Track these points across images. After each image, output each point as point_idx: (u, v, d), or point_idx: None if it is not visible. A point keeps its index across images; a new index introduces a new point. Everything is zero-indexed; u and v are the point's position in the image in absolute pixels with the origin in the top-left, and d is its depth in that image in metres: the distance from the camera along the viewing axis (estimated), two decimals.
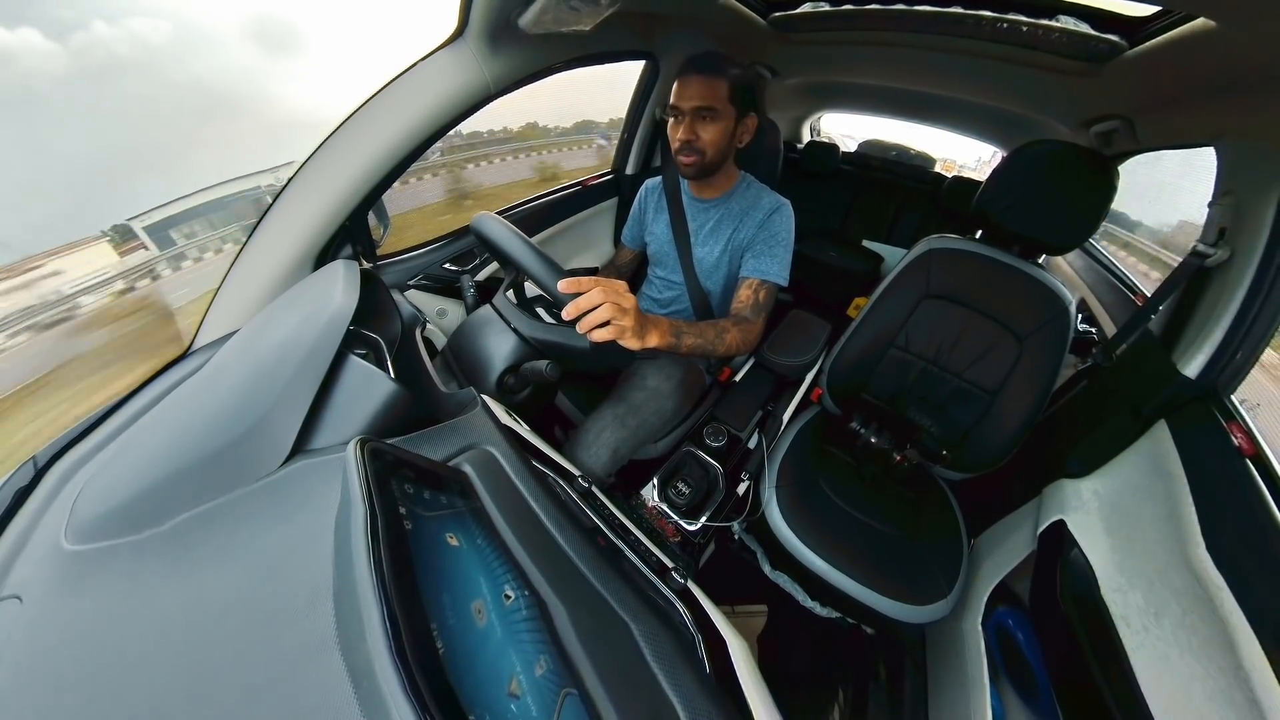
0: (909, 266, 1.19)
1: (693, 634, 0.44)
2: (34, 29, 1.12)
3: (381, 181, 0.87)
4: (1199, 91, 0.90)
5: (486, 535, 0.38)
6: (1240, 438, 0.72)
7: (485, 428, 0.53)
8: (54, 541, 0.45)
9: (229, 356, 0.63)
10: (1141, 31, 0.92)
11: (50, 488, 0.57)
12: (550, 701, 0.29)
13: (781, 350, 1.14)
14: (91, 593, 0.40)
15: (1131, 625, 0.68)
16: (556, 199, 1.55)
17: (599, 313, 0.63)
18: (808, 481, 1.09)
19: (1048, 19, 1.01)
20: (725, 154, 1.01)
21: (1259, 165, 0.81)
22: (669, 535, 0.89)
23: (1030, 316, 1.07)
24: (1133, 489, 0.82)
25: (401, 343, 0.72)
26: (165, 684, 0.31)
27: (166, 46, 2.27)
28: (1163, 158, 1.29)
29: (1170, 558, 0.68)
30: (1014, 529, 1.03)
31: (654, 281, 1.27)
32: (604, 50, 1.22)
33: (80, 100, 1.42)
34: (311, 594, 0.32)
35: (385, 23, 5.71)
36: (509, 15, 0.83)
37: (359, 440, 0.35)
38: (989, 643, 0.92)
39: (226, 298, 0.84)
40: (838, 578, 0.93)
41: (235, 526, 0.41)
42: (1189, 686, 0.59)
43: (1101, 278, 1.49)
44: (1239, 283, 0.80)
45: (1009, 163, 1.07)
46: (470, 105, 0.91)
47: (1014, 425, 1.07)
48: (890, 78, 1.67)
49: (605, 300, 0.63)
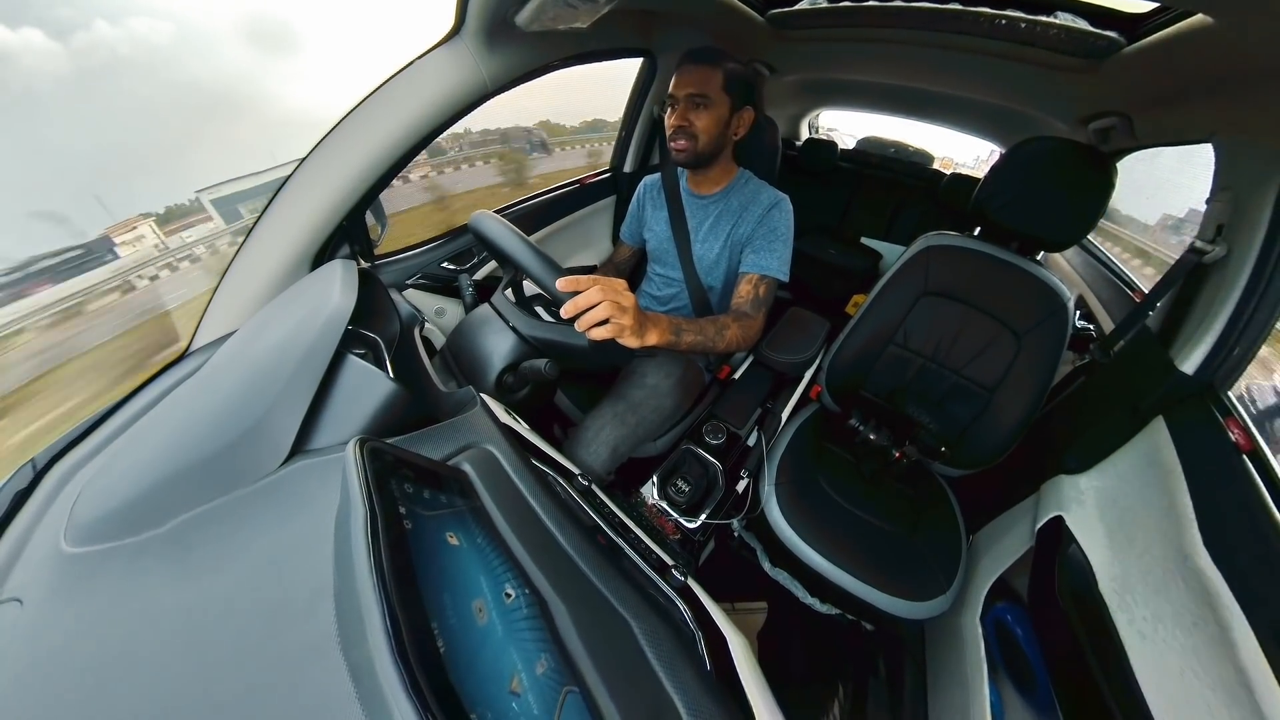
0: (907, 264, 1.19)
1: (693, 631, 0.44)
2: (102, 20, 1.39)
3: (379, 180, 0.87)
4: (1197, 88, 0.90)
5: (486, 534, 0.38)
6: (1237, 433, 0.73)
7: (484, 427, 0.53)
8: (53, 544, 0.45)
9: (227, 357, 0.62)
10: (1139, 28, 0.92)
11: (49, 490, 0.57)
12: (551, 699, 0.29)
13: (780, 348, 1.14)
14: (91, 595, 0.40)
15: (1129, 620, 0.68)
16: (554, 197, 1.54)
17: (597, 311, 0.63)
18: (807, 478, 1.09)
19: (1046, 15, 1.01)
20: (719, 144, 1.02)
21: (1256, 162, 0.81)
22: (669, 533, 0.90)
23: (1028, 313, 1.07)
24: (1130, 485, 0.82)
25: (400, 342, 0.72)
26: (166, 686, 0.31)
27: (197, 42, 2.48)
28: (1161, 154, 1.29)
29: (1167, 553, 0.68)
30: (1012, 525, 1.04)
31: (653, 278, 1.26)
32: (601, 48, 1.22)
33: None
34: (312, 594, 0.32)
35: (384, 21, 5.72)
36: (506, 13, 0.83)
37: (358, 440, 0.35)
38: (988, 638, 0.93)
39: (224, 298, 0.83)
40: (837, 574, 0.93)
41: (235, 527, 0.41)
42: (1186, 679, 0.59)
43: (1099, 274, 1.50)
44: (1236, 279, 0.80)
45: (1007, 159, 1.07)
46: (467, 103, 0.90)
47: (1012, 422, 1.07)
48: (888, 75, 1.66)
49: (603, 299, 0.63)
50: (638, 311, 0.68)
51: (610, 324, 0.64)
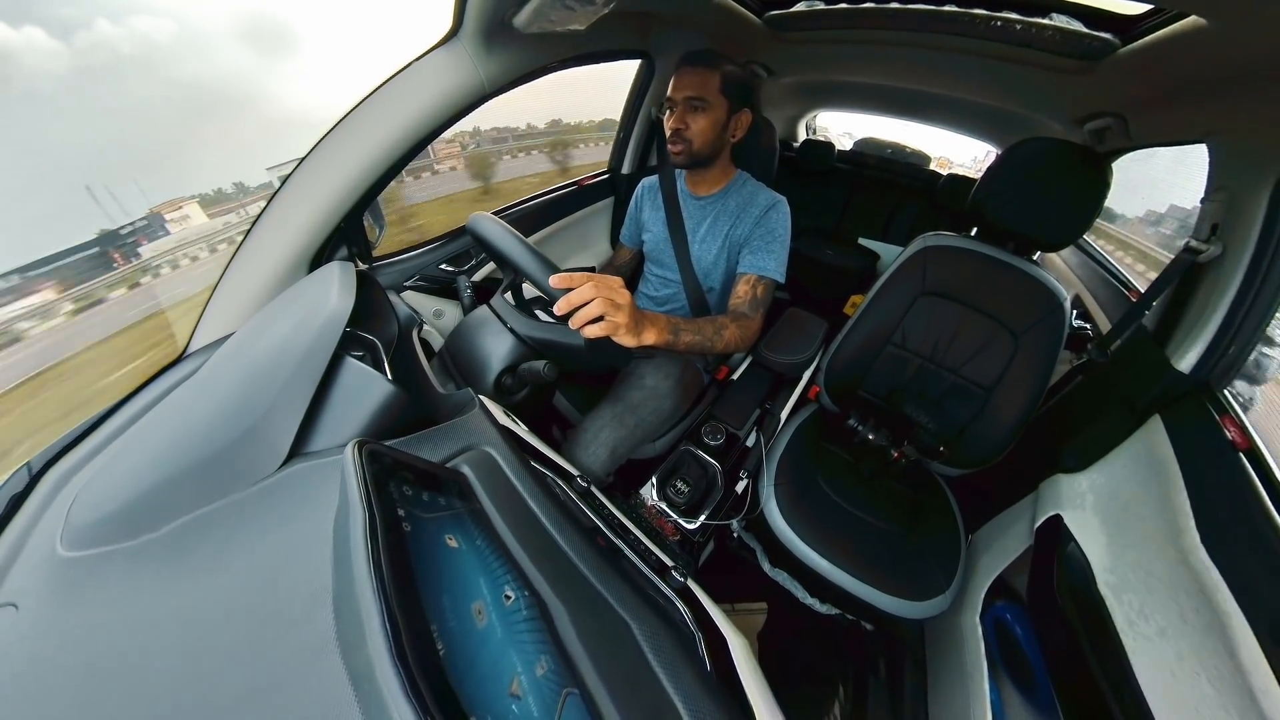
0: (905, 264, 1.19)
1: (693, 632, 0.44)
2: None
3: (377, 182, 0.87)
4: (1191, 89, 0.91)
5: (486, 536, 0.38)
6: (1233, 431, 0.73)
7: (483, 428, 0.53)
8: (49, 548, 0.45)
9: (224, 360, 0.62)
10: (1134, 30, 0.93)
11: (45, 493, 0.56)
12: (551, 701, 0.29)
13: (779, 348, 1.15)
14: (87, 600, 0.40)
15: (1128, 618, 0.68)
16: (552, 199, 1.54)
17: (591, 308, 0.62)
18: (806, 479, 1.09)
19: (1041, 17, 1.01)
20: (716, 146, 1.02)
21: (1250, 162, 0.81)
22: (668, 534, 0.89)
23: (1025, 313, 1.07)
24: (1128, 483, 0.82)
25: (398, 344, 0.72)
26: (163, 691, 0.31)
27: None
28: (1155, 154, 1.30)
29: (1165, 550, 0.68)
30: (1011, 524, 1.04)
31: (650, 279, 1.27)
32: (599, 49, 1.22)
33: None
34: (311, 598, 0.32)
35: (385, 23, 5.74)
36: (504, 14, 0.83)
37: (357, 442, 0.35)
38: (987, 637, 0.93)
39: (222, 301, 0.83)
40: (837, 574, 0.93)
41: (232, 531, 0.41)
42: (1184, 677, 0.59)
43: (1096, 274, 1.50)
44: (1231, 278, 0.81)
45: (1003, 160, 1.08)
46: (465, 105, 0.90)
47: (1010, 421, 1.07)
48: (885, 76, 1.67)
49: (597, 295, 0.62)
50: (633, 309, 0.67)
51: (605, 321, 0.63)
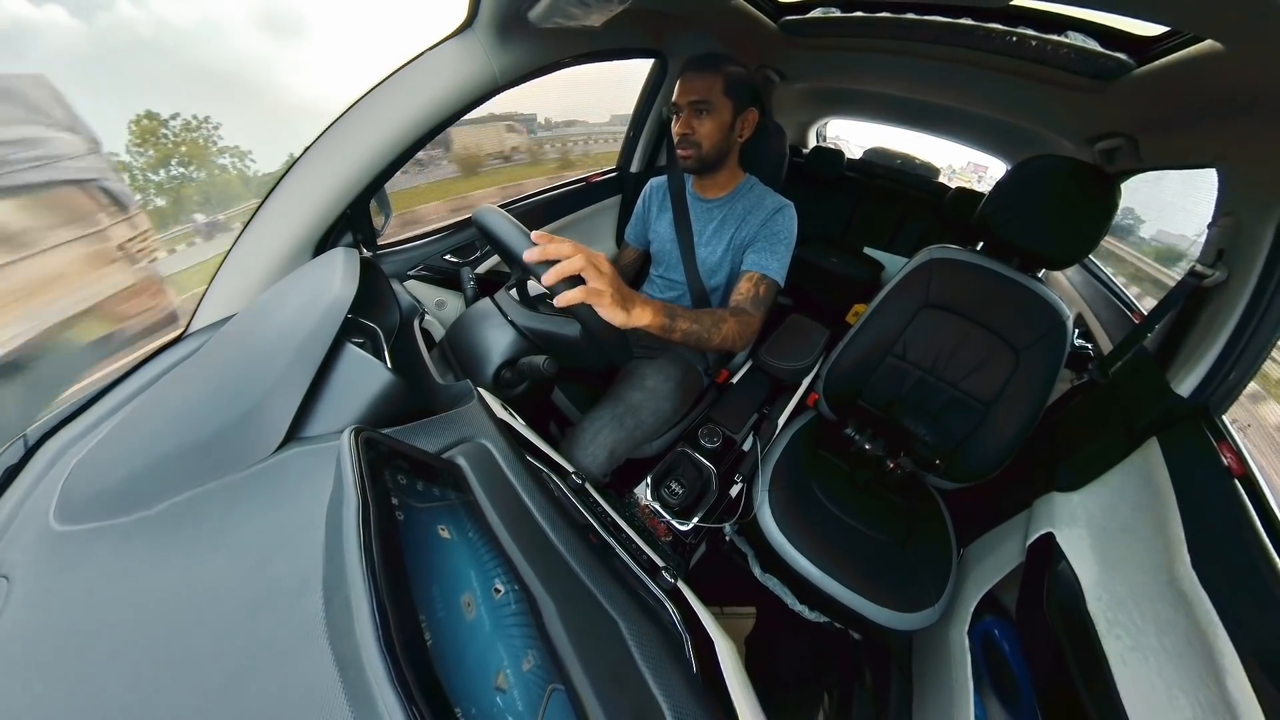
0: (909, 275, 1.19)
1: (681, 633, 0.44)
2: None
3: (385, 169, 0.87)
4: (1204, 113, 0.91)
5: (478, 528, 0.38)
6: (1230, 457, 0.73)
7: (480, 421, 0.53)
8: (42, 521, 0.45)
9: (225, 341, 0.62)
10: (1149, 51, 0.92)
11: (40, 466, 0.56)
12: (536, 696, 0.29)
13: (779, 354, 1.15)
14: (79, 574, 0.40)
15: (1116, 638, 0.68)
16: (559, 195, 1.54)
17: (571, 263, 0.59)
18: (801, 486, 1.09)
19: (1057, 34, 1.01)
20: (723, 148, 1.03)
21: (1260, 189, 0.81)
22: (661, 535, 0.90)
23: (1027, 329, 1.07)
24: (1122, 504, 0.82)
25: (399, 333, 0.72)
26: (151, 667, 0.31)
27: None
28: (1165, 176, 1.30)
29: (1156, 574, 0.68)
30: (1003, 540, 1.04)
31: (655, 280, 1.26)
32: (613, 47, 1.22)
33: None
34: (301, 582, 0.32)
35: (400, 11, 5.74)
36: (519, 8, 0.83)
37: (353, 429, 0.35)
38: (975, 652, 0.93)
39: (224, 281, 0.83)
40: (827, 582, 0.93)
41: (226, 512, 0.41)
42: (1170, 700, 0.59)
43: (1099, 294, 1.50)
44: (1235, 304, 0.81)
45: (1013, 175, 1.08)
46: (477, 96, 0.90)
47: (1007, 437, 1.07)
48: (898, 86, 1.67)
49: (576, 253, 0.60)
50: (619, 283, 0.65)
51: (588, 287, 0.61)
